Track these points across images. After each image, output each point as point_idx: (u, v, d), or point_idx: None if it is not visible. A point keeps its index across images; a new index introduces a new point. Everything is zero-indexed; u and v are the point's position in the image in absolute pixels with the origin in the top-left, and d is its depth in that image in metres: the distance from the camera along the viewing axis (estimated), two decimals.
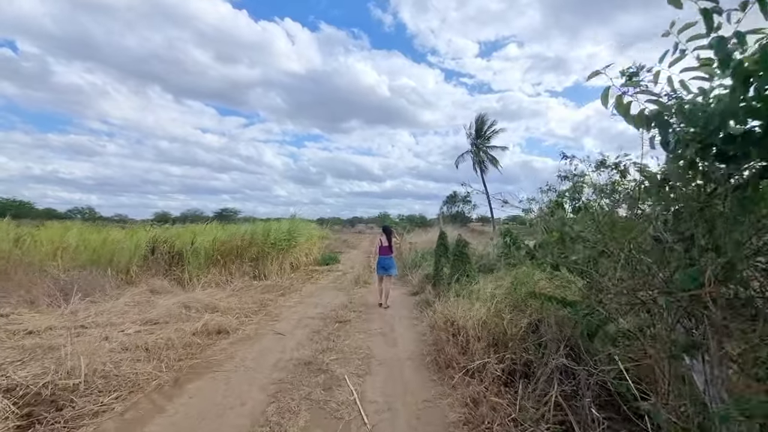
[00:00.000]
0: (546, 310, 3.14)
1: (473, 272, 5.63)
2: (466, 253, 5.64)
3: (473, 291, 4.83)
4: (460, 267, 5.68)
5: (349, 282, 10.17)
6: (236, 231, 10.02)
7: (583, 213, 2.92)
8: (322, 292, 8.63)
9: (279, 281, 9.67)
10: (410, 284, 8.65)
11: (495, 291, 4.16)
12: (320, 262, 15.28)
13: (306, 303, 7.32)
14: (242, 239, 9.21)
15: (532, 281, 3.85)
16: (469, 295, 4.66)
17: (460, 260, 5.68)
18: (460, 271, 5.61)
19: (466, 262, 5.64)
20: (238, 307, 6.19)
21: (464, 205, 37.39)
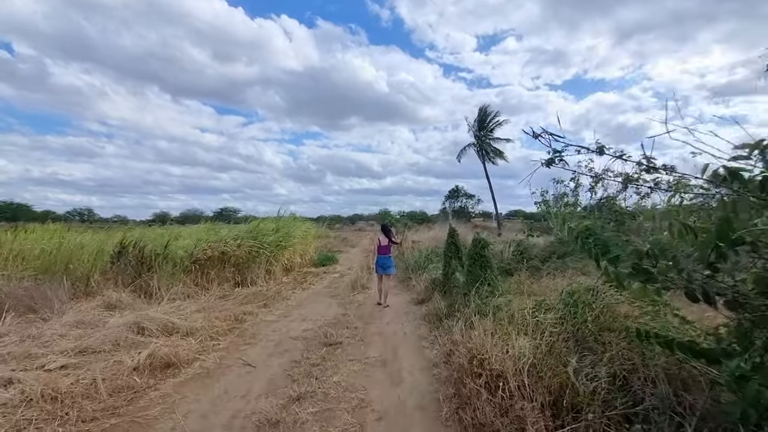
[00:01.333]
0: (643, 352, 1.99)
1: (496, 281, 4.46)
2: (486, 256, 4.48)
3: (500, 307, 3.65)
4: (478, 273, 4.50)
5: (346, 286, 9.03)
6: (226, 233, 8.86)
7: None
8: (314, 301, 7.48)
9: (266, 288, 8.52)
10: (414, 290, 7.50)
11: (539, 314, 2.97)
12: (316, 263, 14.16)
13: (292, 316, 6.17)
14: (225, 243, 8.04)
15: (601, 301, 2.66)
16: (495, 314, 3.49)
17: (479, 265, 4.51)
18: (479, 279, 4.43)
19: (487, 268, 4.47)
20: (206, 326, 5.04)
21: (467, 199, 36.13)
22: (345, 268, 13.52)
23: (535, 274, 6.82)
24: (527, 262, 6.91)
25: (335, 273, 12.47)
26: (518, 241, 10.51)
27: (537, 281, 5.66)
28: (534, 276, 6.48)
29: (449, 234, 6.36)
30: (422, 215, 41.63)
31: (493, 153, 34.83)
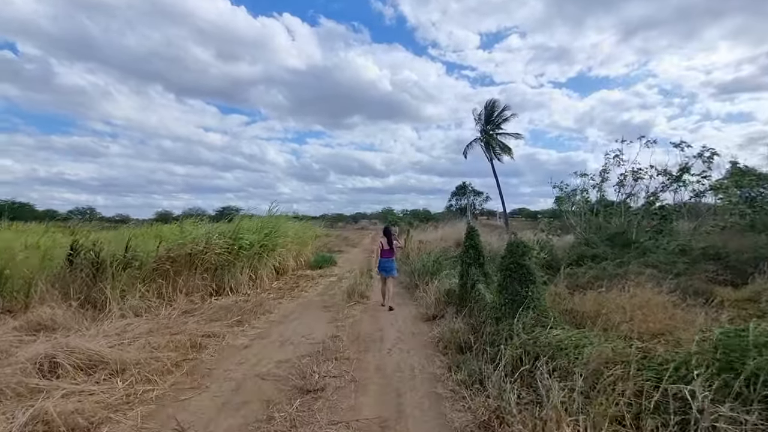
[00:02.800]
0: None
1: (543, 302, 3.14)
2: (528, 267, 3.14)
3: (564, 349, 2.33)
4: (517, 291, 3.18)
5: (342, 294, 7.74)
6: (193, 232, 7.58)
7: None
8: (302, 315, 6.19)
9: (246, 297, 7.25)
10: (423, 302, 6.17)
11: (669, 380, 1.64)
12: (313, 265, 12.91)
13: (270, 338, 4.88)
14: (194, 245, 6.75)
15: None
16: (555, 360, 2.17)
17: (519, 279, 3.18)
18: (519, 298, 3.11)
19: (530, 284, 3.14)
20: (147, 359, 3.75)
21: (475, 196, 34.63)
22: (344, 271, 12.24)
23: (573, 283, 5.48)
24: (565, 268, 5.56)
25: (332, 276, 11.21)
26: (540, 242, 9.15)
27: (585, 296, 4.33)
28: (576, 288, 5.14)
29: (468, 235, 5.03)
30: (426, 213, 40.40)
31: (500, 149, 33.36)
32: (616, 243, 9.97)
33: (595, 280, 5.89)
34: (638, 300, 4.05)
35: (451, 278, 6.43)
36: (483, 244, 10.07)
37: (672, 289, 4.63)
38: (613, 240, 10.25)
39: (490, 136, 33.03)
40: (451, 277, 6.49)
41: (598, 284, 5.57)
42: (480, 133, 33.67)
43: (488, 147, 33.06)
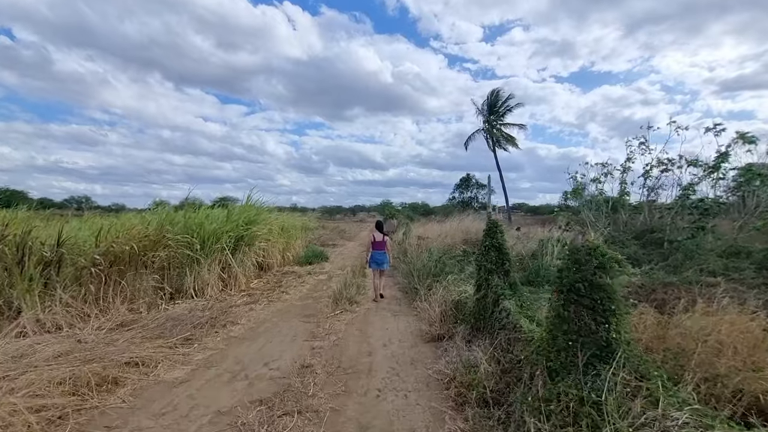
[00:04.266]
0: None
1: (637, 352, 1.90)
2: (609, 289, 1.88)
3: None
4: (589, 329, 1.92)
5: (329, 298, 6.50)
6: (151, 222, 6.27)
7: None
8: (274, 327, 4.94)
9: (211, 302, 6.00)
10: (425, 314, 4.90)
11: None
12: (302, 261, 11.66)
13: (218, 370, 3.62)
14: (139, 238, 5.44)
15: None
16: None
17: (593, 309, 1.92)
18: (603, 346, 1.86)
19: (612, 317, 1.89)
20: (12, 412, 2.49)
21: (479, 189, 33.20)
22: (335, 268, 11.02)
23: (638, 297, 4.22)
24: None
25: (322, 274, 9.98)
26: (560, 239, 7.88)
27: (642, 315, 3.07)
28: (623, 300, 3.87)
29: (488, 232, 3.74)
30: (424, 207, 39.11)
31: (504, 139, 31.90)
32: (647, 242, 8.74)
33: (643, 290, 4.65)
34: (732, 326, 2.80)
35: (459, 284, 5.17)
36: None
37: (760, 306, 3.41)
38: (641, 238, 9.02)
39: (493, 126, 31.55)
40: (459, 283, 5.23)
41: (652, 297, 4.32)
42: (483, 123, 32.17)
43: (491, 138, 31.61)
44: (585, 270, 1.99)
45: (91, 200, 47.20)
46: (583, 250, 2.02)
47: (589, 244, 2.00)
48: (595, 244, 1.99)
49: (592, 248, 2.00)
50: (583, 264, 2.00)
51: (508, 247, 3.62)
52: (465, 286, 4.99)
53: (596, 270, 1.97)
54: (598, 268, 1.96)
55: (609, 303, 1.93)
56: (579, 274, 2.00)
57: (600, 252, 1.98)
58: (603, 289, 1.95)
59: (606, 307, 1.94)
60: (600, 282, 1.95)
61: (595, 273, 1.97)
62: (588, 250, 2.00)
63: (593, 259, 1.99)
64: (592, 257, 1.99)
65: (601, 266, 1.97)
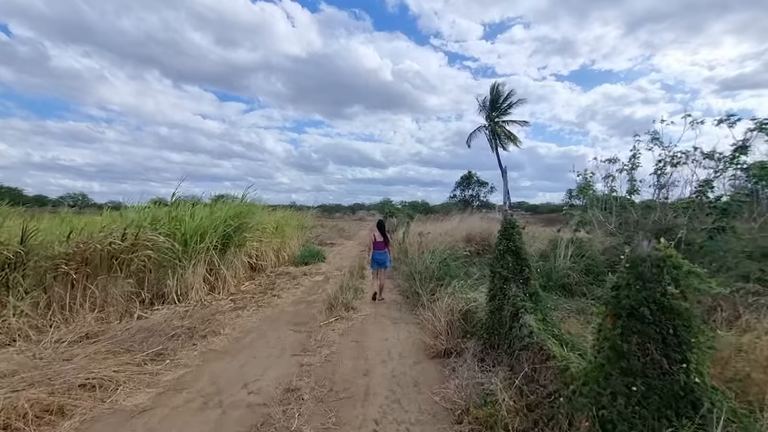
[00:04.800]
0: None
1: (728, 403, 1.40)
2: (687, 315, 1.40)
3: None
4: (664, 371, 1.41)
5: (323, 303, 6.00)
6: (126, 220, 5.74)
7: None
8: (259, 340, 4.42)
9: (194, 308, 5.49)
10: (428, 324, 4.38)
11: None
12: (297, 261, 11.16)
13: (188, 394, 3.10)
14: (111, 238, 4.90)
15: None
16: None
17: (663, 341, 1.42)
18: (682, 393, 1.35)
19: (690, 352, 1.39)
20: None
21: (480, 187, 32.65)
22: (332, 268, 10.52)
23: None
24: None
25: (318, 275, 9.48)
26: (574, 240, 7.38)
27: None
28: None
29: (504, 233, 3.22)
30: (424, 205, 38.67)
31: (506, 137, 31.36)
32: None
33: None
34: None
35: (467, 291, 4.65)
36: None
37: None
38: (656, 238, 8.49)
39: (495, 123, 30.99)
40: (467, 290, 4.72)
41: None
42: (485, 120, 31.60)
43: (493, 135, 31.07)
44: (652, 288, 1.47)
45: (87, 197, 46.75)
46: (649, 261, 1.50)
47: (658, 252, 1.48)
48: (667, 252, 1.47)
49: (662, 258, 1.48)
50: (650, 280, 1.48)
51: (527, 252, 3.10)
52: (473, 293, 4.47)
53: (669, 288, 1.45)
54: (672, 285, 1.44)
55: (686, 333, 1.42)
56: (644, 294, 1.48)
57: (673, 263, 1.46)
58: (678, 314, 1.43)
59: (682, 338, 1.42)
60: (674, 305, 1.43)
61: (667, 292, 1.45)
62: (656, 261, 1.48)
63: (664, 274, 1.47)
64: (662, 271, 1.47)
65: (675, 283, 1.45)
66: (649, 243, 1.52)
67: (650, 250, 1.50)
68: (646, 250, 1.51)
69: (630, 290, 1.51)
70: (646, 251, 1.51)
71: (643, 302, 1.47)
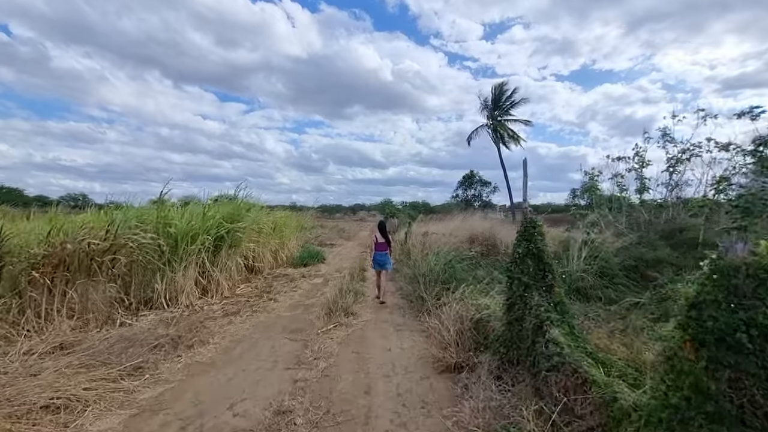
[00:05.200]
0: None
1: None
2: None
3: None
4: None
5: (322, 307, 5.65)
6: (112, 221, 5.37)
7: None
8: (250, 350, 4.05)
9: (183, 313, 5.13)
10: (435, 334, 4.00)
11: None
12: (296, 263, 10.79)
13: (164, 416, 2.73)
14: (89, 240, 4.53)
15: None
16: None
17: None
18: None
19: None
20: None
21: (482, 187, 32.22)
22: (332, 270, 10.17)
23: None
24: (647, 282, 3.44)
25: (317, 277, 9.13)
26: (587, 241, 6.99)
27: None
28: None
29: (524, 234, 2.84)
30: (425, 205, 38.39)
31: (509, 136, 30.93)
32: (677, 243, 7.84)
33: None
34: None
35: (476, 296, 4.27)
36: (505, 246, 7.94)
37: None
38: (670, 239, 8.12)
39: (498, 122, 30.57)
40: (477, 295, 4.34)
41: None
42: (487, 119, 31.18)
43: (496, 134, 30.65)
44: (752, 308, 1.09)
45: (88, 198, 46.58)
46: (744, 271, 1.13)
47: (761, 260, 1.11)
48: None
49: (765, 267, 1.10)
50: (748, 297, 1.11)
51: (550, 255, 2.72)
52: (484, 298, 4.10)
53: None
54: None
55: None
56: (740, 316, 1.10)
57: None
58: None
59: None
60: None
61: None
62: (756, 271, 1.11)
63: (765, 289, 1.09)
64: (765, 284, 1.09)
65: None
66: (745, 245, 1.15)
67: (746, 254, 1.13)
68: (741, 254, 1.14)
69: (719, 310, 1.14)
70: (741, 257, 1.14)
71: (739, 326, 1.10)
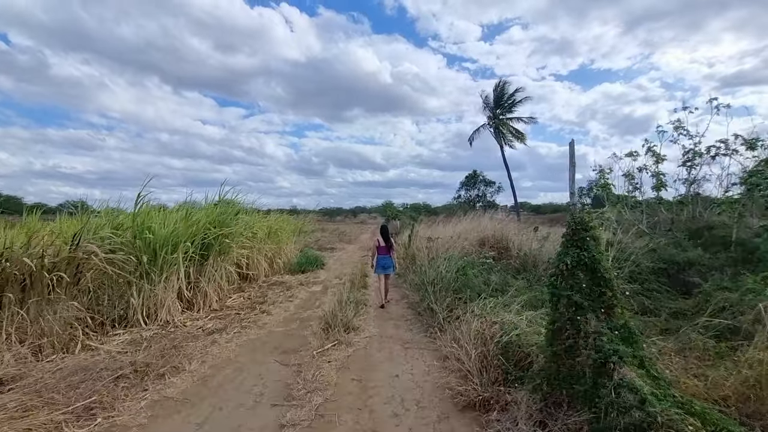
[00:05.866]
0: None
1: None
2: None
3: None
4: None
5: (321, 320, 5.03)
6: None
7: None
8: (235, 378, 3.41)
9: (163, 331, 4.50)
10: (450, 358, 3.34)
11: None
12: (294, 269, 10.18)
13: None
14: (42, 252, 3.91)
15: None
16: None
17: None
18: None
19: None
20: None
21: (486, 187, 31.53)
22: (332, 276, 9.54)
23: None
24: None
25: (316, 285, 8.52)
26: (615, 242, 6.34)
27: None
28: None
29: (572, 239, 2.20)
30: (426, 207, 37.91)
31: (512, 135, 30.29)
32: (706, 243, 7.19)
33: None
34: None
35: (498, 310, 3.62)
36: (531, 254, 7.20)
37: None
38: (697, 238, 7.47)
39: (500, 121, 29.95)
40: (497, 309, 3.69)
41: None
42: (488, 119, 30.54)
43: (498, 133, 30.02)
44: None
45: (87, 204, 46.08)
46: None
47: None
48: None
49: None
50: None
51: (608, 266, 2.09)
52: (508, 313, 3.45)
53: None
54: None
55: None
56: None
57: None
58: None
59: None
60: None
61: None
62: None
63: None
64: None
65: None
66: None
67: None
68: None
69: None
70: None
71: None
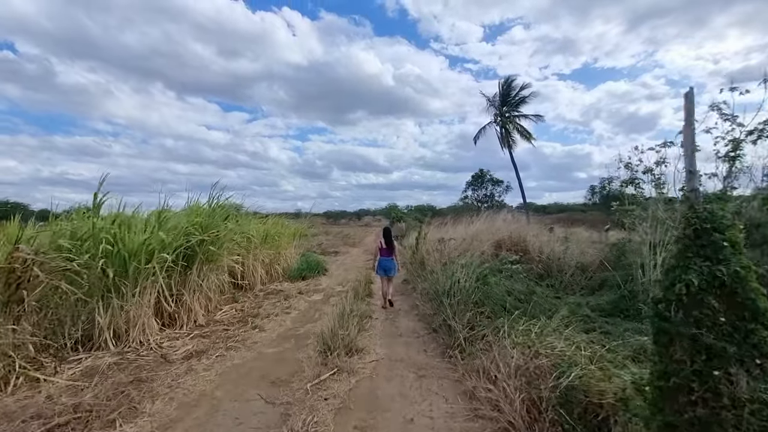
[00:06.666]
0: None
1: None
2: None
3: None
4: None
5: (318, 339, 4.29)
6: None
7: None
8: (207, 422, 2.66)
9: (133, 355, 3.78)
10: (475, 395, 2.58)
11: None
12: (294, 275, 9.46)
13: None
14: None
15: None
16: None
17: None
18: None
19: None
20: None
21: (494, 186, 30.61)
22: (334, 283, 8.81)
23: None
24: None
25: (317, 293, 7.80)
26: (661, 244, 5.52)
27: None
28: None
29: (694, 244, 1.41)
30: (431, 208, 37.34)
31: (519, 133, 29.40)
32: (755, 243, 6.34)
33: None
34: None
35: (548, 336, 2.83)
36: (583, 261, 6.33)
37: None
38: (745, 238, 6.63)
39: (507, 119, 29.09)
40: (530, 328, 2.90)
41: None
42: (494, 117, 29.68)
43: (504, 131, 29.15)
44: None
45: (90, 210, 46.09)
46: None
47: None
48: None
49: None
50: None
51: (760, 289, 1.33)
52: (559, 341, 2.67)
53: None
54: None
55: None
56: None
57: None
58: None
59: None
60: None
61: None
62: None
63: None
64: None
65: None
66: None
67: None
68: None
69: None
70: None
71: None
